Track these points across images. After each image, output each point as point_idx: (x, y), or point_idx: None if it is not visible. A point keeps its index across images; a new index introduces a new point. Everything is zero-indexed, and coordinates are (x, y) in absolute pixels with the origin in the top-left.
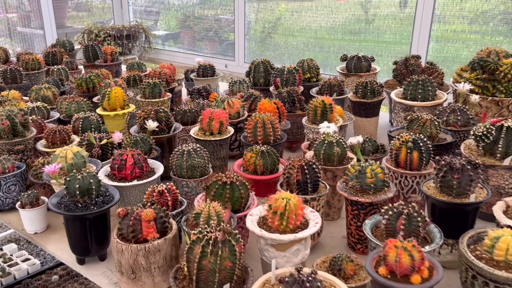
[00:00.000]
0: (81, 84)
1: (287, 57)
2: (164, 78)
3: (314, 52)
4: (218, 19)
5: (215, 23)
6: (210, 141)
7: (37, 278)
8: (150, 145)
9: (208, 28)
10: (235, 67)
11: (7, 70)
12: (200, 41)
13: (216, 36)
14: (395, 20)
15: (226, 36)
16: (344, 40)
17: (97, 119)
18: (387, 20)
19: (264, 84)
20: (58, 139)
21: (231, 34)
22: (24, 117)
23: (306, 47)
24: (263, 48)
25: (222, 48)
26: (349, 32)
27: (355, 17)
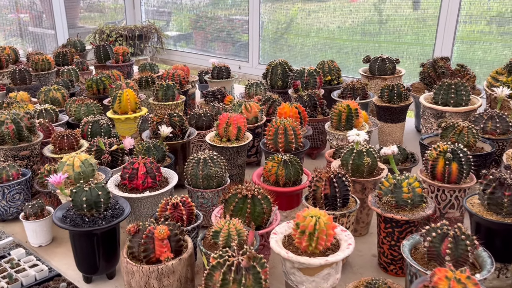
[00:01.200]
0: (92, 85)
1: (301, 58)
2: (177, 80)
3: (331, 53)
4: (231, 19)
5: (228, 23)
6: (227, 148)
7: (44, 285)
8: (163, 152)
9: (221, 28)
10: (249, 68)
11: (16, 70)
12: (212, 42)
13: (229, 37)
14: (417, 20)
15: (238, 37)
16: (363, 41)
17: (107, 123)
18: (409, 21)
19: (281, 87)
20: (66, 144)
21: (243, 35)
22: (31, 120)
23: (322, 48)
24: (276, 49)
25: (235, 49)
26: (368, 33)
27: (372, 18)
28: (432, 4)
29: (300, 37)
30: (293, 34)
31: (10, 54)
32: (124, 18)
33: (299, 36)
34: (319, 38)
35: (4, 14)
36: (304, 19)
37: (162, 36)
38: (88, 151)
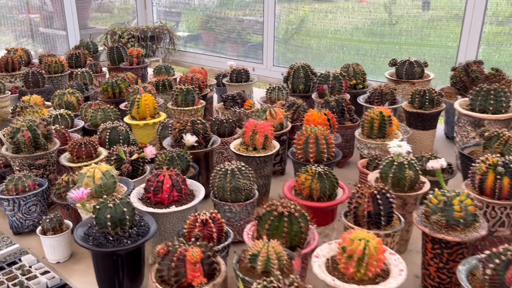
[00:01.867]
0: (107, 89)
1: (315, 60)
2: (196, 84)
3: (349, 55)
4: (241, 20)
5: (238, 24)
6: (254, 157)
7: None
8: (187, 162)
9: (231, 29)
10: (263, 70)
11: (29, 73)
12: (223, 42)
13: (239, 38)
14: (441, 22)
15: (248, 38)
16: (382, 42)
17: (126, 130)
18: (431, 22)
19: (303, 91)
20: (84, 152)
21: (254, 36)
22: (47, 127)
23: (338, 50)
24: (286, 50)
25: (245, 50)
26: (388, 34)
27: (389, 19)
28: (456, 5)
29: (314, 38)
30: (304, 35)
31: (23, 56)
32: (133, 19)
33: (311, 37)
34: (334, 40)
35: (15, 14)
36: (319, 20)
37: (174, 37)
38: (107, 160)
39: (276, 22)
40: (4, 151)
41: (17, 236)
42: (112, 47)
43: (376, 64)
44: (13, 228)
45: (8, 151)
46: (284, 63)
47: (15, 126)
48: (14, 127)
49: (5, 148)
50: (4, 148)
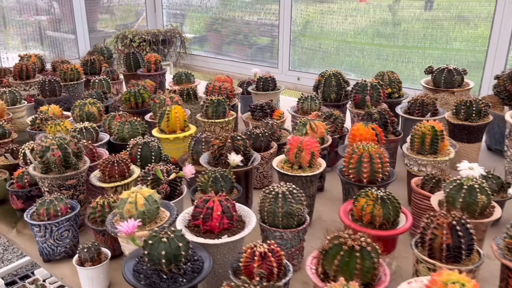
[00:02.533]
0: (129, 98)
1: (329, 64)
2: (224, 94)
3: (370, 59)
4: (247, 22)
5: (244, 26)
6: (300, 177)
7: None
8: (231, 183)
9: (237, 31)
10: (278, 75)
11: (45, 81)
12: (229, 44)
13: (245, 40)
14: (468, 25)
15: (254, 40)
16: (405, 47)
17: (158, 146)
18: (461, 26)
19: (335, 100)
20: (117, 171)
21: (260, 38)
22: (77, 145)
23: (360, 54)
24: (302, 54)
25: (251, 53)
26: (411, 38)
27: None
28: (485, 8)
29: (333, 42)
30: (322, 39)
31: (36, 62)
32: (136, 21)
33: (329, 40)
34: (354, 43)
35: (22, 18)
36: (338, 23)
37: (186, 40)
38: (142, 180)
39: (292, 25)
40: (31, 171)
41: (47, 263)
42: (129, 52)
43: (398, 69)
44: (44, 255)
45: (36, 170)
46: (300, 67)
47: (44, 145)
48: (43, 146)
49: (32, 167)
50: (32, 167)
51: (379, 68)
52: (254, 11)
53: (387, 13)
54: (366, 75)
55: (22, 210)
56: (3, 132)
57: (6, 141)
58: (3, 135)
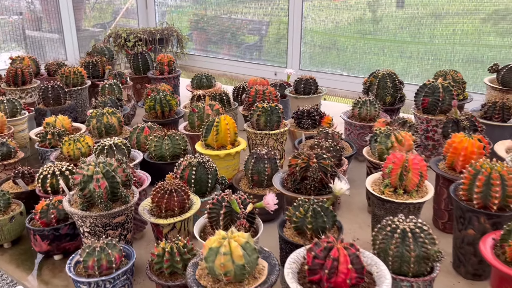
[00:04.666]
0: (154, 106)
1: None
2: (269, 99)
3: (391, 57)
4: (233, 19)
5: (232, 24)
6: (406, 204)
7: None
8: (333, 219)
9: (224, 29)
10: (286, 75)
11: (48, 87)
12: (215, 43)
13: (235, 38)
14: (504, 20)
15: (242, 39)
16: (431, 43)
17: (215, 167)
18: (496, 19)
19: (390, 103)
20: (176, 203)
21: (248, 36)
22: (126, 171)
23: (381, 51)
24: (314, 53)
25: (240, 51)
26: (439, 34)
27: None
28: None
29: (350, 39)
30: (337, 35)
31: (31, 65)
32: (113, 19)
33: (345, 37)
34: (374, 41)
35: None
36: (356, 19)
37: (184, 39)
38: (209, 214)
39: (303, 22)
40: (67, 207)
41: None
42: (136, 53)
43: (423, 67)
44: None
45: (73, 205)
46: (312, 66)
47: (85, 173)
48: (85, 175)
49: (67, 201)
50: (66, 201)
51: (401, 66)
52: (260, 7)
53: (412, 7)
54: None
55: (47, 253)
56: (8, 151)
57: (11, 161)
58: (7, 154)
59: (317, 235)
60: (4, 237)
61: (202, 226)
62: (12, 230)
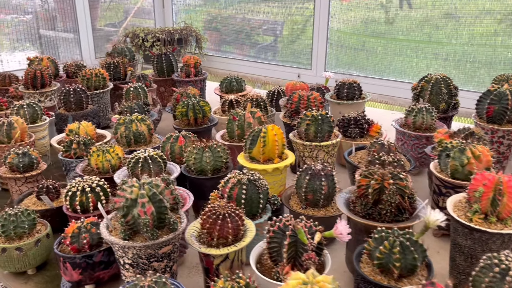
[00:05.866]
0: (187, 113)
1: (375, 65)
2: (314, 105)
3: (426, 59)
4: (248, 19)
5: (246, 24)
6: (501, 234)
7: None
8: (424, 255)
9: (238, 29)
10: (311, 77)
11: (69, 91)
12: (228, 44)
13: (249, 38)
14: None
15: (256, 39)
16: (469, 44)
17: (267, 185)
18: None
19: (443, 110)
20: (230, 230)
21: (263, 37)
22: (174, 194)
23: (414, 53)
24: (341, 54)
25: (255, 52)
26: (479, 34)
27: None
28: None
29: (380, 40)
30: (366, 36)
31: (50, 67)
32: (123, 20)
33: (376, 38)
34: (407, 42)
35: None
36: (388, 19)
37: (202, 39)
38: (270, 244)
39: (329, 22)
40: (107, 236)
41: None
42: (160, 54)
43: (460, 70)
44: None
45: (113, 233)
46: (338, 68)
47: (129, 197)
48: (128, 198)
49: (105, 228)
50: (104, 227)
51: (436, 69)
52: (283, 6)
53: (449, 5)
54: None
55: (78, 283)
56: (30, 162)
57: (33, 173)
58: (29, 166)
59: (406, 274)
60: (29, 263)
61: (258, 255)
62: (37, 254)
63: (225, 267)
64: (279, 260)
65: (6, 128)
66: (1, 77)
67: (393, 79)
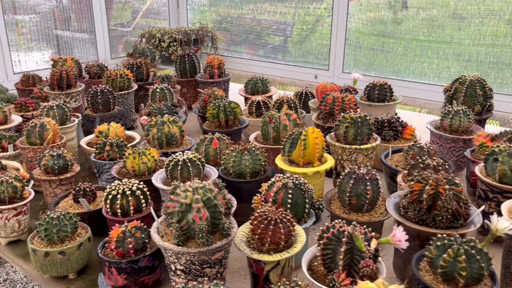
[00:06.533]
0: (218, 115)
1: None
2: (349, 108)
3: (447, 60)
4: (258, 20)
5: (256, 24)
6: None
7: None
8: (489, 262)
9: (248, 30)
10: (329, 78)
11: (97, 92)
12: (239, 44)
13: (261, 38)
14: None
15: (266, 40)
16: (494, 45)
17: (312, 189)
18: None
19: (477, 113)
20: (283, 236)
21: (272, 37)
22: (226, 199)
23: (435, 54)
24: (360, 54)
25: (265, 52)
26: (503, 34)
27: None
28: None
29: (400, 40)
30: (385, 37)
31: (73, 67)
32: (133, 20)
33: (395, 39)
34: (427, 42)
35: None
36: (408, 19)
37: (218, 40)
38: (324, 250)
39: (348, 22)
40: (159, 241)
41: None
42: (183, 54)
43: (483, 71)
44: None
45: (164, 238)
46: (356, 69)
47: (184, 202)
48: (183, 203)
49: (156, 232)
50: (156, 233)
51: (457, 71)
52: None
53: (473, 5)
54: (441, 79)
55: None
56: (64, 165)
57: (68, 176)
58: (64, 168)
59: (471, 283)
60: (71, 267)
61: (309, 260)
62: (80, 258)
63: (276, 274)
64: (333, 267)
65: (38, 130)
66: (25, 77)
67: (413, 80)
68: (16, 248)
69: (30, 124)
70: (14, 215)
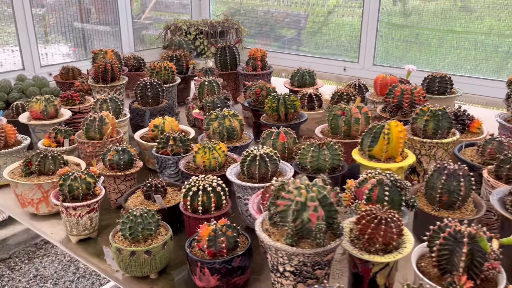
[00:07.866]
0: (277, 108)
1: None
2: (418, 100)
3: (485, 52)
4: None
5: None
6: None
7: None
8: None
9: (262, 22)
10: (358, 71)
11: (146, 85)
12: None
13: (272, 32)
14: None
15: (280, 32)
16: None
17: (408, 186)
18: None
19: None
20: (395, 236)
21: (284, 30)
22: (338, 197)
23: (472, 46)
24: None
25: (278, 45)
26: None
27: None
28: None
29: (435, 32)
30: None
31: (114, 59)
32: (141, 12)
33: (430, 30)
34: (464, 34)
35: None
36: (445, 10)
37: (243, 32)
38: (440, 251)
39: (380, 13)
40: (270, 241)
41: None
42: (224, 46)
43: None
44: None
45: (273, 237)
46: (388, 61)
47: (299, 200)
48: (298, 201)
49: (263, 231)
50: (263, 232)
51: (495, 63)
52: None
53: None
54: (478, 71)
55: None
56: (130, 160)
57: (133, 171)
58: (129, 163)
59: None
60: (155, 267)
61: (418, 258)
62: (164, 258)
63: (383, 275)
64: (449, 269)
65: (98, 124)
66: (64, 70)
67: (448, 73)
68: (88, 246)
69: (88, 118)
70: (87, 212)
